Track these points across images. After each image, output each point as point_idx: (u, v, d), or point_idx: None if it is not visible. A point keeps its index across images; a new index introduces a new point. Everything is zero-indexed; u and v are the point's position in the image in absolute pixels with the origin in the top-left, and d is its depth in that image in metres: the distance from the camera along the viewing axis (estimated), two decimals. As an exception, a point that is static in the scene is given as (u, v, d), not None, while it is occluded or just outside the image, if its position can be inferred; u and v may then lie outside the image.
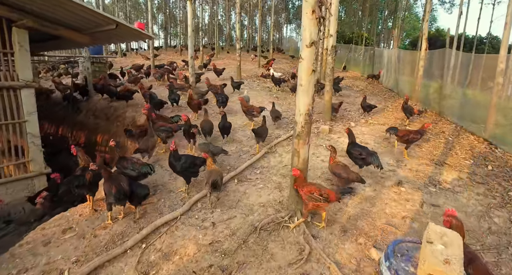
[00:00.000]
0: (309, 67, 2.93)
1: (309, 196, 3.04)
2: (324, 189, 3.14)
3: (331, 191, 3.12)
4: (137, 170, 3.75)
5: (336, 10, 6.45)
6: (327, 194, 3.04)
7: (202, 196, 3.80)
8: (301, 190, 3.12)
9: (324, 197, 3.02)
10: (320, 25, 2.88)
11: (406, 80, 11.05)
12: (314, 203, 3.03)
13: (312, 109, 3.12)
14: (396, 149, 5.51)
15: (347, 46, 20.84)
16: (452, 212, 2.33)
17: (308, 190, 3.06)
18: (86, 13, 4.63)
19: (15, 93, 5.03)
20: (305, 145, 3.18)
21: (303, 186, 3.12)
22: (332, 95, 7.01)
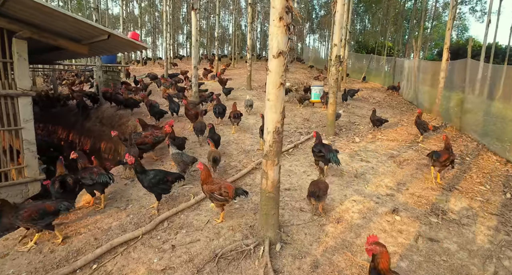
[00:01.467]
0: (277, 80, 2.64)
1: (210, 195, 3.10)
2: (224, 184, 3.18)
3: (229, 186, 3.18)
4: (94, 179, 3.61)
5: (340, 18, 6.09)
6: (226, 192, 3.11)
7: (171, 214, 3.56)
8: (204, 187, 3.18)
9: (224, 196, 3.10)
10: (289, 33, 2.59)
11: (426, 93, 10.29)
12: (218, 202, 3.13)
13: (282, 126, 2.80)
14: (401, 171, 4.97)
15: (367, 56, 20.11)
16: (373, 238, 2.04)
17: (210, 188, 3.12)
18: (78, 24, 4.70)
19: (12, 101, 5.18)
20: (274, 166, 2.85)
21: (206, 183, 3.17)
22: (335, 108, 6.58)
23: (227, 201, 3.24)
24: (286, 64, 2.63)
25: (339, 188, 4.21)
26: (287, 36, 2.59)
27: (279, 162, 2.88)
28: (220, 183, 3.23)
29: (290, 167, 4.87)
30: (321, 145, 4.57)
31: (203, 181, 3.25)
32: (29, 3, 4.15)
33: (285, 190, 4.14)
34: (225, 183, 3.28)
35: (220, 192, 3.12)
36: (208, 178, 3.26)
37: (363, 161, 5.25)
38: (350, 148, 5.93)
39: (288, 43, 2.61)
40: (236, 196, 3.24)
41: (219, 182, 3.24)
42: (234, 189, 3.22)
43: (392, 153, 5.76)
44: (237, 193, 3.23)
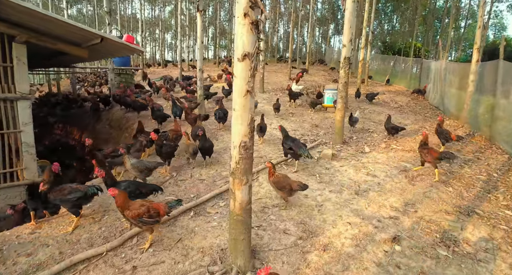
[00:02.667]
0: (243, 87, 2.27)
1: (139, 220, 2.80)
2: (151, 205, 2.90)
3: (158, 205, 2.94)
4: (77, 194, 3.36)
5: (350, 17, 5.57)
6: (156, 212, 2.86)
7: (142, 230, 3.30)
8: (126, 214, 2.81)
9: (155, 217, 2.84)
10: (256, 32, 2.22)
11: (453, 97, 9.33)
12: (149, 226, 2.87)
13: (251, 140, 2.42)
14: (412, 188, 4.36)
15: (392, 57, 18.96)
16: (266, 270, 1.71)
17: (136, 213, 2.78)
18: (70, 28, 4.65)
19: (12, 104, 5.25)
20: (242, 186, 2.48)
21: (128, 208, 2.81)
22: (344, 114, 6.03)
23: (158, 221, 2.95)
24: (253, 68, 2.26)
25: (335, 207, 3.73)
26: (255, 36, 2.22)
27: (248, 180, 2.51)
28: (145, 204, 2.90)
29: (284, 179, 4.45)
30: (290, 140, 4.66)
31: (122, 207, 2.84)
32: (20, 8, 4.13)
33: (273, 207, 3.75)
34: (151, 203, 2.95)
35: (150, 214, 2.81)
36: (126, 202, 2.86)
37: (369, 174, 4.70)
38: (357, 158, 5.38)
39: (256, 44, 2.24)
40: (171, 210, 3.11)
41: (144, 204, 2.90)
42: (166, 205, 3.01)
43: (405, 166, 5.13)
44: (170, 207, 3.05)
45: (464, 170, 5.12)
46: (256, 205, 3.79)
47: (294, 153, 4.47)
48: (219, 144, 6.02)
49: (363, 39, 12.35)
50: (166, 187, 4.35)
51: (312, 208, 3.70)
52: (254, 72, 2.28)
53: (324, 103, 9.28)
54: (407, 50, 23.47)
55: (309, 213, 3.60)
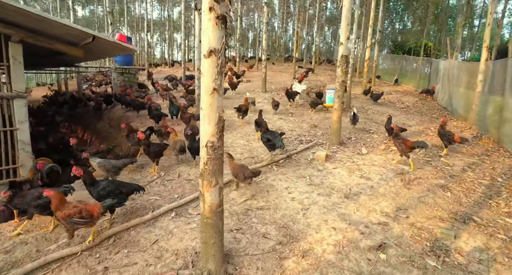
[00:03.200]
0: (210, 85, 2.16)
1: (69, 221, 2.77)
2: (85, 207, 2.86)
3: (92, 207, 2.89)
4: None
5: (347, 13, 5.39)
6: (89, 213, 2.83)
7: (120, 230, 3.25)
8: (57, 215, 2.77)
9: (87, 218, 2.82)
10: (224, 27, 2.11)
11: (461, 97, 8.95)
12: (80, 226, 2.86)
13: (220, 140, 2.31)
14: (406, 192, 4.15)
15: (401, 57, 18.47)
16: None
17: (66, 214, 2.75)
18: (62, 27, 4.66)
19: (8, 103, 5.33)
20: (211, 188, 2.37)
21: (60, 209, 2.77)
22: (340, 114, 5.84)
23: (93, 222, 2.93)
24: (221, 65, 2.15)
25: (321, 211, 3.58)
26: (222, 31, 2.11)
27: (218, 182, 2.40)
28: (79, 206, 2.85)
29: (272, 181, 4.32)
30: (269, 133, 4.87)
31: (56, 207, 2.81)
32: (10, 7, 4.17)
33: (256, 209, 3.62)
34: (86, 205, 2.91)
35: (81, 215, 2.78)
36: (61, 204, 2.82)
37: (362, 177, 4.51)
38: (352, 160, 5.18)
39: (223, 40, 2.13)
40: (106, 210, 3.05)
41: (77, 205, 2.86)
42: (101, 206, 2.95)
43: (402, 169, 4.90)
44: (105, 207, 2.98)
45: (466, 174, 4.85)
46: (240, 207, 3.68)
47: (272, 144, 4.73)
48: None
49: (369, 38, 12.03)
50: (152, 186, 4.30)
51: (298, 211, 3.56)
52: (222, 69, 2.17)
53: (326, 103, 9.08)
54: (418, 50, 22.83)
55: (293, 216, 3.46)
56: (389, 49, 27.91)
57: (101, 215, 2.97)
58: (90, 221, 2.88)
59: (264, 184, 4.21)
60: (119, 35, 7.03)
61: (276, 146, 4.69)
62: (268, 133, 4.87)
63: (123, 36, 7.33)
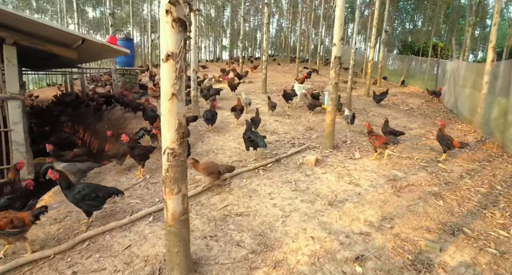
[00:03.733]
0: (168, 90, 2.09)
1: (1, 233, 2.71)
2: (15, 215, 2.79)
3: (22, 215, 2.84)
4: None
5: (340, 13, 5.23)
6: (21, 221, 2.77)
7: (95, 234, 3.21)
8: None
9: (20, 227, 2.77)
10: (182, 30, 2.03)
11: (466, 100, 8.62)
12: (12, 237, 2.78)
13: (181, 146, 2.23)
14: (395, 200, 3.97)
15: (408, 57, 18.02)
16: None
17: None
18: (50, 30, 4.70)
19: (1, 104, 5.41)
20: (173, 195, 2.30)
21: None
22: (334, 117, 5.68)
23: (25, 231, 2.87)
24: (179, 70, 2.07)
25: (302, 218, 3.45)
26: (180, 34, 2.03)
27: (181, 190, 2.32)
28: (8, 216, 2.79)
29: (257, 186, 4.21)
30: (250, 131, 4.98)
31: None
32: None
33: (236, 215, 3.53)
34: (15, 214, 2.85)
35: (14, 225, 2.73)
36: None
37: (351, 183, 4.35)
38: (343, 165, 5.02)
39: (182, 43, 2.05)
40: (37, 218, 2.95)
41: (7, 216, 2.79)
42: (31, 214, 2.89)
43: (395, 175, 4.72)
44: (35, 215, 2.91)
45: (463, 181, 4.63)
46: (219, 213, 3.59)
47: (254, 142, 4.86)
48: (203, 146, 5.88)
49: (373, 38, 11.76)
50: (136, 189, 4.27)
51: (277, 218, 3.45)
52: (181, 74, 2.09)
53: (324, 105, 8.89)
54: (427, 50, 22.27)
55: (272, 224, 3.35)
56: (398, 49, 27.33)
57: (32, 223, 2.89)
58: (24, 230, 2.83)
59: (248, 189, 4.12)
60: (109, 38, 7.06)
61: (258, 145, 4.81)
62: (250, 132, 4.98)
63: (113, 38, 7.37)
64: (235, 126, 7.17)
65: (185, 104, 2.22)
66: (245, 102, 7.74)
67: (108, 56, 7.57)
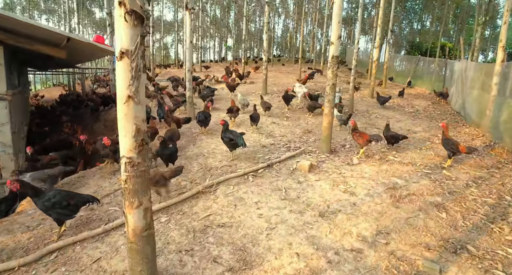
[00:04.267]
0: (123, 92, 1.84)
1: None
2: None
3: None
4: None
5: (338, 11, 4.94)
6: None
7: (65, 244, 3.00)
8: None
9: None
10: (137, 24, 1.78)
11: (474, 102, 8.20)
12: None
13: (139, 156, 1.98)
14: (394, 211, 3.66)
15: (415, 58, 17.53)
16: None
17: None
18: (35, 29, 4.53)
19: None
20: (133, 209, 2.05)
21: None
22: (331, 120, 5.38)
23: None
24: (136, 69, 1.83)
25: (288, 231, 3.17)
26: (135, 29, 1.79)
27: (142, 203, 2.07)
28: None
29: (244, 194, 3.94)
30: (228, 132, 4.92)
31: None
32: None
33: (217, 226, 3.27)
34: None
35: None
36: None
37: (346, 192, 4.05)
38: (340, 171, 4.72)
39: (138, 39, 1.81)
40: None
41: None
42: None
43: (395, 183, 4.39)
44: None
45: (470, 190, 4.28)
46: (200, 223, 3.34)
47: (234, 142, 4.81)
48: (194, 149, 5.65)
49: (377, 38, 11.38)
50: (117, 195, 4.05)
51: (262, 230, 3.18)
52: (138, 73, 1.85)
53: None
54: (435, 51, 21.69)
55: (255, 237, 3.08)
56: (406, 50, 26.75)
57: None
58: None
59: (234, 197, 3.85)
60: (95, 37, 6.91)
61: (238, 144, 4.79)
62: (229, 132, 4.95)
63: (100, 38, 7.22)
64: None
65: (144, 108, 1.97)
66: (242, 103, 7.56)
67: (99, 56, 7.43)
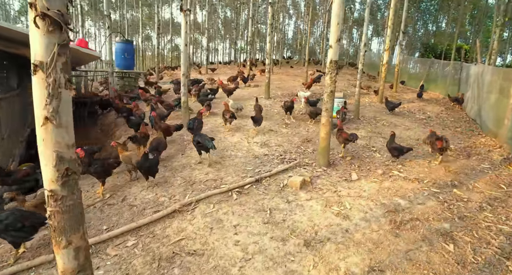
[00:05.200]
0: (40, 113, 1.50)
1: None
2: None
3: None
4: None
5: (338, 10, 4.50)
6: None
7: (18, 270, 2.71)
8: None
9: None
10: (56, 32, 1.44)
11: (491, 109, 7.55)
12: None
13: (63, 189, 1.64)
14: (393, 241, 3.19)
15: (428, 61, 16.75)
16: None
17: None
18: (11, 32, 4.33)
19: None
20: (61, 249, 1.70)
21: None
22: (329, 131, 4.94)
23: None
24: (54, 86, 1.48)
25: (266, 264, 2.77)
26: (51, 37, 1.44)
27: (71, 242, 1.73)
28: None
29: (223, 215, 3.56)
30: (198, 135, 4.94)
31: None
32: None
33: (187, 254, 2.91)
34: None
35: None
36: None
37: (339, 215, 3.61)
38: (335, 189, 4.27)
39: (55, 49, 1.46)
40: None
41: None
42: None
43: (397, 204, 3.91)
44: None
45: (483, 215, 3.76)
46: (169, 249, 2.98)
47: (202, 145, 4.76)
48: (182, 160, 5.32)
49: (388, 40, 10.80)
50: (88, 212, 3.75)
51: (235, 262, 2.79)
52: (57, 91, 1.51)
53: (328, 113, 8.10)
54: (451, 53, 20.73)
55: (226, 269, 2.69)
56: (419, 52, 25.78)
57: None
58: None
59: (212, 218, 3.48)
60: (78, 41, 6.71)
61: (208, 147, 4.74)
62: (198, 136, 4.93)
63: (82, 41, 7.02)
64: (226, 130, 6.74)
65: (70, 130, 1.63)
66: (235, 108, 7.36)
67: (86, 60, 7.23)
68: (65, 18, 1.48)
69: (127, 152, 4.46)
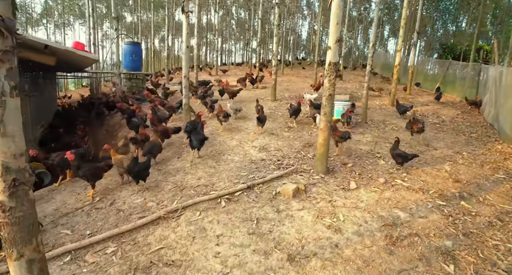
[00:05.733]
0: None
1: None
2: None
3: None
4: None
5: (337, 10, 4.29)
6: None
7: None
8: None
9: None
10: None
11: (509, 113, 7.05)
12: None
13: (10, 200, 1.56)
14: (386, 259, 2.96)
15: (445, 62, 16.04)
16: None
17: None
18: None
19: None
20: (12, 261, 1.63)
21: None
22: (328, 136, 4.72)
23: None
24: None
25: (244, 279, 2.61)
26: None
27: (23, 255, 1.65)
28: None
29: (208, 223, 3.43)
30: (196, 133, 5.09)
31: None
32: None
33: (165, 265, 2.80)
34: None
35: None
36: None
37: (331, 227, 3.40)
38: (330, 198, 4.05)
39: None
40: None
41: None
42: None
43: (396, 217, 3.66)
44: None
45: (491, 232, 3.45)
46: (147, 258, 2.88)
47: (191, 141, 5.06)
48: (176, 163, 5.24)
49: (400, 41, 10.38)
50: (76, 215, 3.73)
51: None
52: (2, 99, 1.43)
53: (334, 116, 7.84)
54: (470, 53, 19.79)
55: (202, 284, 2.56)
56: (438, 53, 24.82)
57: None
58: None
59: (196, 227, 3.36)
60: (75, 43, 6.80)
61: (193, 146, 4.99)
62: (195, 133, 5.13)
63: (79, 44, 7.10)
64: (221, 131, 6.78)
65: (20, 139, 1.55)
66: (233, 108, 7.57)
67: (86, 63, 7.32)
68: (8, 24, 1.41)
69: (120, 155, 4.43)
